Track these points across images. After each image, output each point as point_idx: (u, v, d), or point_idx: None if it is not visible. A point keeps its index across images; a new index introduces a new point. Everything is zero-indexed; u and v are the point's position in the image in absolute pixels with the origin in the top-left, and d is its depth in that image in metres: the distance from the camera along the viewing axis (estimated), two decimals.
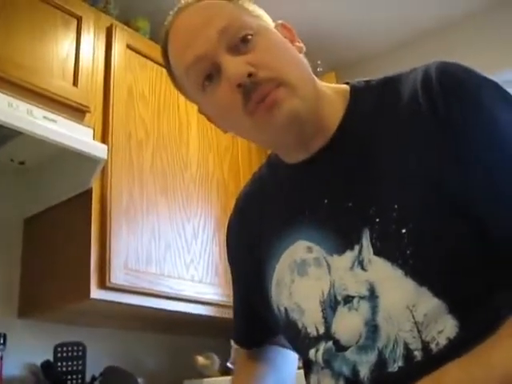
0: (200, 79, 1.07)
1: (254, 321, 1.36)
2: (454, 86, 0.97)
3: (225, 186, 3.18)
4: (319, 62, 3.70)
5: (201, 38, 1.04)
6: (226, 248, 1.41)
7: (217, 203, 3.07)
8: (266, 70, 1.02)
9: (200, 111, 1.20)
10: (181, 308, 2.72)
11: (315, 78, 1.13)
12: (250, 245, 1.27)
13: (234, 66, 1.01)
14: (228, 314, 1.47)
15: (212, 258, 2.92)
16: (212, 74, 1.05)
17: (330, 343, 1.05)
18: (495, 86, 1.00)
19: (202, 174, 3.07)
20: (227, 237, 1.39)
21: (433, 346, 0.94)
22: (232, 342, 2.80)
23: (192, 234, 2.88)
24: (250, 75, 1.01)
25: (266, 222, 1.23)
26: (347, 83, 1.18)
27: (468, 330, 0.92)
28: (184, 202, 2.89)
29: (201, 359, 2.98)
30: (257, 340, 1.40)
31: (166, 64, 1.16)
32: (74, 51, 2.62)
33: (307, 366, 1.20)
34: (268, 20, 1.16)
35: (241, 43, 1.05)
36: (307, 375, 1.19)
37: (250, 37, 1.05)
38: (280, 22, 1.17)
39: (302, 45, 1.16)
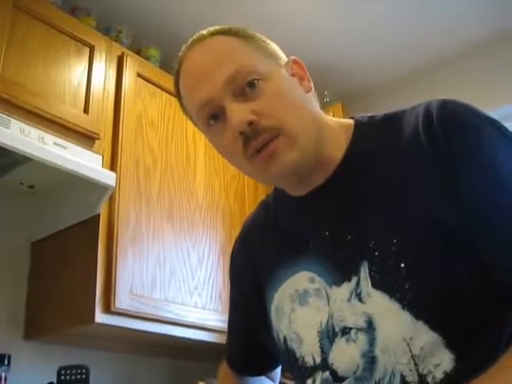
0: (206, 119, 1.11)
1: (250, 347, 1.37)
2: (453, 124, 0.99)
3: (230, 213, 3.20)
4: (326, 93, 3.73)
5: (209, 81, 1.08)
6: (229, 264, 1.42)
7: (222, 231, 3.09)
8: (268, 118, 1.05)
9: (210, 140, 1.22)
10: (184, 334, 2.73)
11: (320, 114, 1.16)
12: (252, 266, 1.29)
13: (238, 114, 1.05)
14: None
15: (216, 285, 2.94)
16: (218, 115, 1.09)
17: (327, 373, 1.06)
18: (494, 124, 1.01)
19: (208, 201, 3.09)
20: (232, 253, 1.41)
21: (429, 379, 0.95)
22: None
23: (197, 260, 2.90)
24: (250, 123, 1.04)
25: (268, 251, 1.25)
26: (352, 118, 1.21)
27: (465, 363, 0.93)
28: (190, 229, 2.92)
29: None
30: (250, 367, 1.41)
31: (178, 96, 1.19)
32: (86, 79, 2.67)
33: None
34: (280, 55, 1.18)
35: (247, 88, 1.07)
36: None
37: (256, 81, 1.07)
38: (292, 58, 1.19)
39: (311, 84, 1.18)
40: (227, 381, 1.43)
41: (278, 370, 1.42)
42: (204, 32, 1.15)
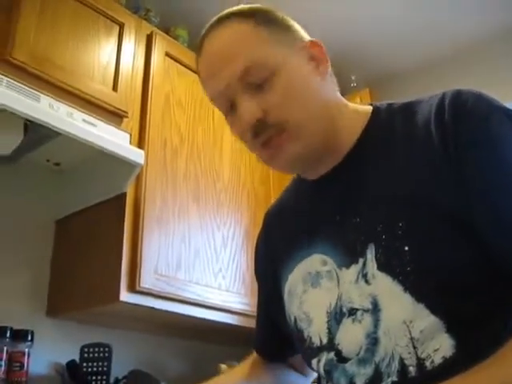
0: (223, 110, 1.17)
1: (273, 331, 1.39)
2: (463, 115, 1.01)
3: (255, 196, 3.20)
4: (353, 78, 3.70)
5: (220, 77, 1.12)
6: (253, 261, 1.46)
7: (247, 213, 3.09)
8: (275, 114, 1.09)
9: None
10: (207, 315, 2.73)
11: (336, 99, 1.20)
12: (272, 257, 1.31)
13: (246, 111, 1.10)
14: (253, 323, 1.49)
15: (240, 267, 2.93)
16: (232, 106, 1.14)
17: (332, 354, 1.09)
18: (506, 113, 1.02)
19: (234, 183, 3.09)
20: (255, 250, 1.45)
21: (427, 363, 0.95)
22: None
23: (221, 242, 2.89)
24: (258, 120, 1.09)
25: (286, 234, 1.28)
26: (371, 104, 1.23)
27: (465, 350, 0.93)
28: (215, 211, 2.91)
29: (224, 368, 2.98)
30: (274, 350, 1.43)
31: (200, 78, 1.23)
32: (115, 57, 2.66)
33: (318, 382, 1.25)
34: (301, 36, 1.19)
35: (257, 84, 1.10)
36: None
37: (266, 78, 1.10)
38: (311, 40, 1.20)
39: (327, 67, 1.19)
40: (249, 365, 1.46)
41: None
42: (223, 14, 1.17)
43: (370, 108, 1.21)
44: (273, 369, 1.42)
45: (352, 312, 1.05)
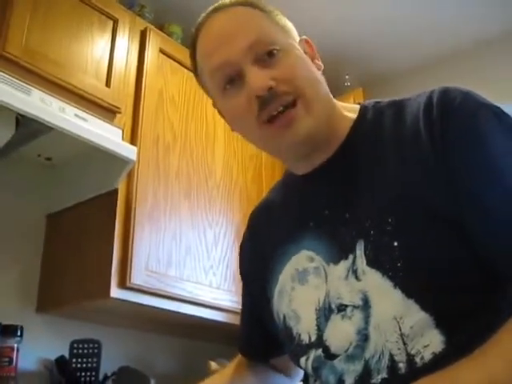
0: (222, 82, 1.13)
1: (258, 331, 1.38)
2: (451, 111, 1.01)
3: (247, 194, 3.20)
4: (347, 77, 3.70)
5: (231, 45, 1.10)
6: (239, 262, 1.45)
7: (239, 211, 3.08)
8: (286, 85, 1.08)
9: (214, 105, 1.25)
10: (197, 313, 2.73)
11: (331, 95, 1.19)
12: (260, 256, 1.30)
13: (258, 78, 1.07)
14: None
15: (231, 265, 2.93)
16: (234, 79, 1.11)
17: (320, 351, 1.08)
18: (493, 110, 1.03)
19: (226, 181, 3.09)
20: (240, 251, 1.44)
21: (417, 359, 0.96)
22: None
23: (213, 240, 2.89)
24: (270, 89, 1.07)
25: (274, 233, 1.27)
26: (359, 103, 1.24)
27: (454, 346, 0.94)
28: (207, 208, 2.91)
29: (214, 365, 2.97)
30: (259, 351, 1.42)
31: (192, 61, 1.22)
32: (109, 52, 2.65)
33: (305, 381, 1.24)
34: (295, 35, 1.21)
35: (267, 56, 1.10)
36: None
37: (275, 51, 1.10)
38: (304, 37, 1.22)
39: (320, 63, 1.21)
40: (234, 368, 1.45)
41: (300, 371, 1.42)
42: (225, 1, 1.18)
43: (358, 106, 1.22)
44: (258, 372, 1.42)
45: (341, 308, 1.05)
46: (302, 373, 1.39)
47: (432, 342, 0.95)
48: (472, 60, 3.66)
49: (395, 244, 0.98)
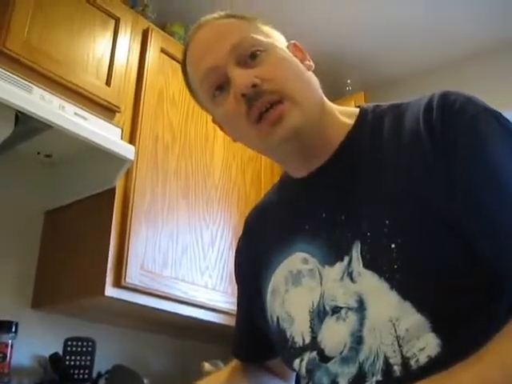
0: (211, 89, 1.14)
1: (253, 333, 1.38)
2: (451, 114, 1.01)
3: (246, 196, 3.20)
4: (349, 81, 3.70)
5: (215, 51, 1.12)
6: (233, 266, 1.44)
7: (236, 213, 3.08)
8: (271, 83, 1.09)
9: (213, 121, 1.27)
10: (192, 313, 2.73)
11: (323, 97, 1.19)
12: (256, 259, 1.29)
13: (241, 77, 1.08)
14: None
15: (227, 266, 2.92)
16: (222, 86, 1.12)
17: (314, 353, 1.08)
18: (493, 114, 1.03)
19: (224, 182, 3.09)
20: (236, 255, 1.43)
21: (412, 362, 0.95)
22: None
23: (209, 240, 2.89)
24: (254, 86, 1.07)
25: (269, 235, 1.27)
26: (358, 107, 1.23)
27: (450, 350, 0.93)
28: (204, 209, 2.91)
29: (207, 366, 2.97)
30: (254, 352, 1.41)
31: (185, 78, 1.24)
32: (110, 51, 2.66)
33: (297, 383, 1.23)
34: (281, 40, 1.22)
35: (249, 58, 1.12)
36: None
37: (258, 52, 1.12)
38: (292, 42, 1.23)
39: (311, 63, 1.21)
40: (228, 371, 1.44)
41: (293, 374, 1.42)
42: (208, 17, 1.20)
43: (357, 109, 1.21)
44: (253, 376, 1.41)
45: (335, 310, 1.05)
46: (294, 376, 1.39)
47: (428, 344, 0.94)
48: (474, 66, 3.66)
49: (392, 246, 0.98)
